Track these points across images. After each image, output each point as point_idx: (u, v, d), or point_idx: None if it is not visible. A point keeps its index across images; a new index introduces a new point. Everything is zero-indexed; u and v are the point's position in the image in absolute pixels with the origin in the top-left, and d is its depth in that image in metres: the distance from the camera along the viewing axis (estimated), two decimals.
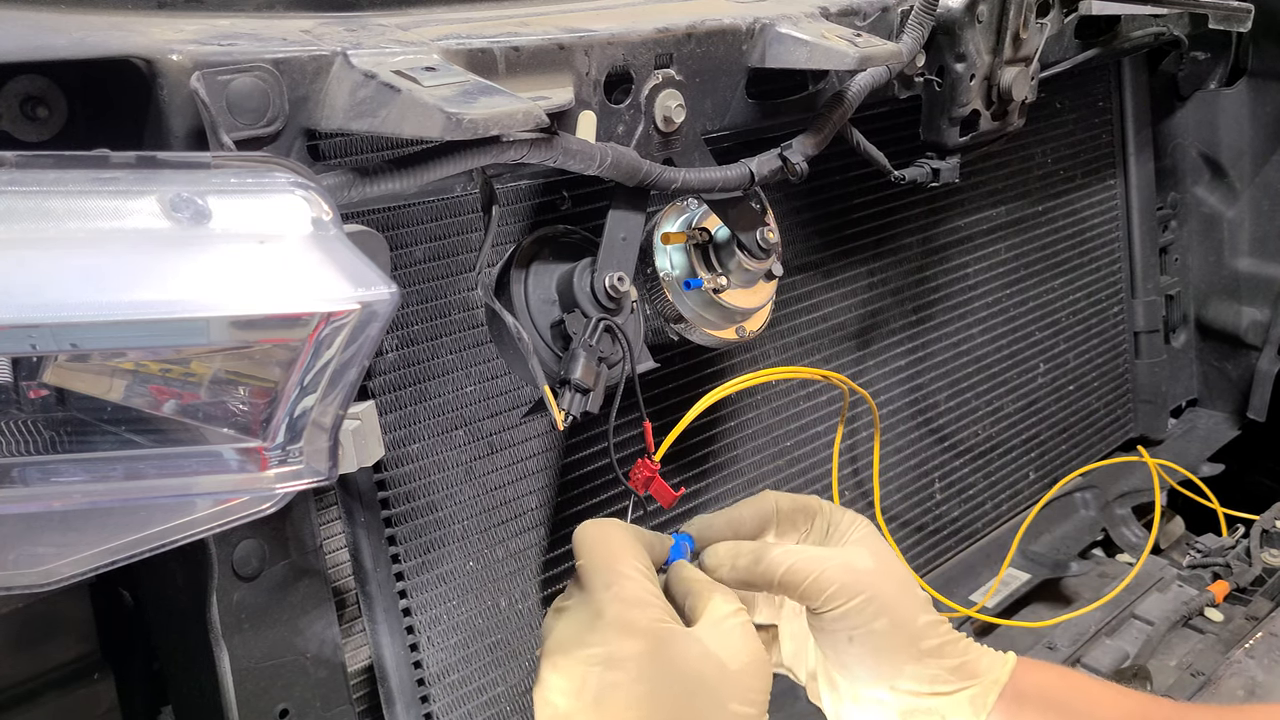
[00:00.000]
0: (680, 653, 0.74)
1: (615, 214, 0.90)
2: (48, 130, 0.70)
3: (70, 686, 0.94)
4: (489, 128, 0.69)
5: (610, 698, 0.72)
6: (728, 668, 0.75)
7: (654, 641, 0.74)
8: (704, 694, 0.73)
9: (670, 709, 0.72)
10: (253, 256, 0.60)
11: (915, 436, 1.53)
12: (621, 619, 0.75)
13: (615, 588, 0.77)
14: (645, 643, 0.74)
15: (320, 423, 0.68)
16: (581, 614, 0.77)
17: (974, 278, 1.58)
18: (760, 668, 0.76)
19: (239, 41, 0.71)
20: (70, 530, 0.66)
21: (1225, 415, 1.97)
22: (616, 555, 0.79)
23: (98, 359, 0.63)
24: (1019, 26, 1.20)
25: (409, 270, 0.98)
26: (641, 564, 0.79)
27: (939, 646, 0.81)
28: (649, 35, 0.91)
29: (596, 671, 0.73)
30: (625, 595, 0.76)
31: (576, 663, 0.74)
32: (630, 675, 0.73)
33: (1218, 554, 1.65)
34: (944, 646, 0.82)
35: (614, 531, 0.82)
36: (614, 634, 0.74)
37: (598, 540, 0.81)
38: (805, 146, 1.00)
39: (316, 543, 0.92)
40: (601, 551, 0.80)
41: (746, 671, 0.75)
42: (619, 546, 0.80)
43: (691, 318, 1.01)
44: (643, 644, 0.74)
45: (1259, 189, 1.88)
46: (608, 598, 0.76)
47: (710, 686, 0.74)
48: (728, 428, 1.29)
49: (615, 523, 0.83)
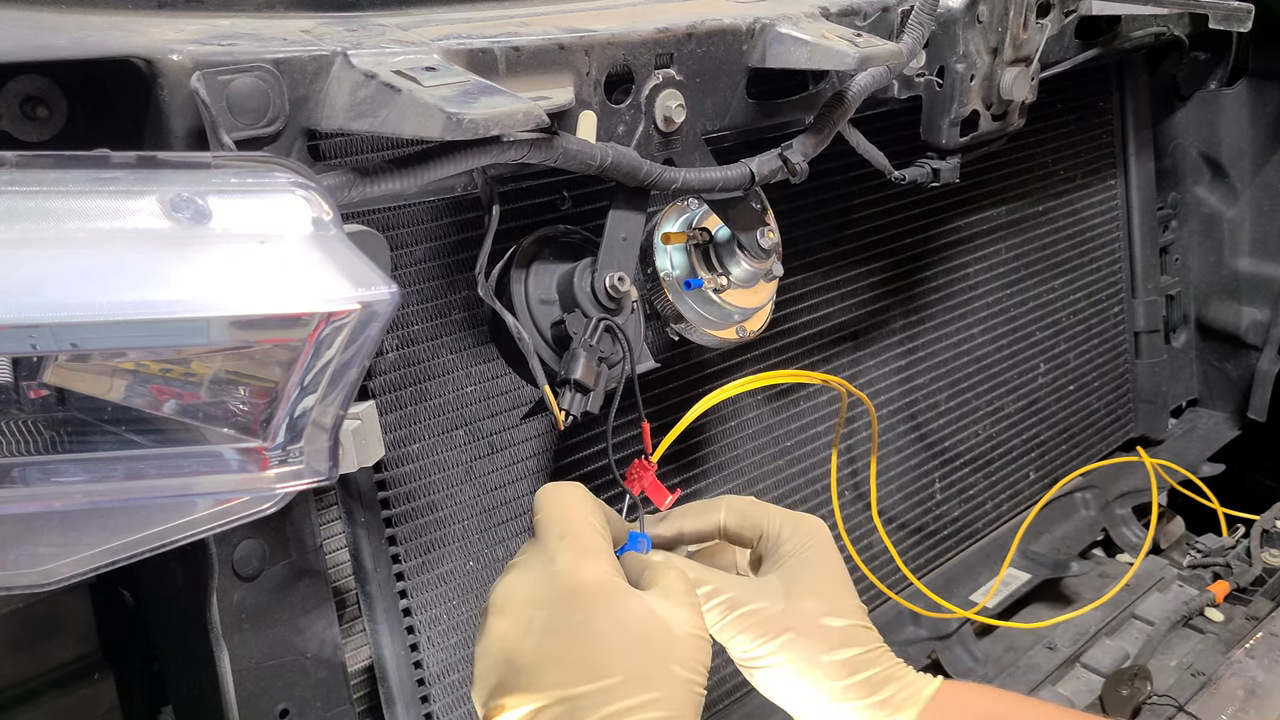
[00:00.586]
0: (627, 606, 0.74)
1: (615, 214, 0.90)
2: (48, 130, 0.70)
3: (70, 686, 0.94)
4: (489, 128, 0.69)
5: (552, 641, 0.72)
6: (672, 631, 0.74)
7: (603, 590, 0.74)
8: (647, 649, 0.73)
9: (613, 657, 0.71)
10: (253, 256, 0.60)
11: (915, 436, 1.53)
12: (572, 565, 0.75)
13: (569, 538, 0.77)
14: (594, 589, 0.74)
15: (320, 423, 0.68)
16: (533, 563, 0.77)
17: (974, 278, 1.58)
18: (702, 641, 0.76)
19: (239, 41, 0.71)
20: (70, 530, 0.66)
21: (1225, 415, 1.98)
22: (574, 510, 0.80)
23: (98, 359, 0.63)
24: (1019, 27, 1.20)
25: (409, 270, 0.98)
26: (598, 522, 0.80)
27: (848, 686, 0.83)
28: (649, 35, 0.91)
29: (542, 615, 0.73)
30: (579, 545, 0.77)
31: (522, 606, 0.74)
32: (576, 619, 0.72)
33: (1218, 554, 1.65)
34: (857, 685, 0.83)
35: (574, 492, 0.82)
36: (563, 579, 0.74)
37: (557, 498, 0.81)
38: (805, 146, 1.00)
39: (317, 543, 0.92)
40: (559, 507, 0.80)
41: (689, 640, 0.75)
42: (577, 504, 0.80)
43: (691, 318, 1.01)
44: (591, 590, 0.74)
45: (1259, 189, 1.88)
46: (560, 546, 0.76)
47: (653, 643, 0.73)
48: (727, 428, 1.29)
49: (577, 485, 0.83)
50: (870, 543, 1.46)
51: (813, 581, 0.86)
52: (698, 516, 0.92)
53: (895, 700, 0.83)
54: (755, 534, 0.90)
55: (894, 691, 0.83)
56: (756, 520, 0.90)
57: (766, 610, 0.84)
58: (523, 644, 0.73)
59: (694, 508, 0.92)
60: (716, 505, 0.92)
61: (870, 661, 0.84)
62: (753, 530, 0.90)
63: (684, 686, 0.73)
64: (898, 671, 0.85)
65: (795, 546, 0.88)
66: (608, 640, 0.72)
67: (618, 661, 0.71)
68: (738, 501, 0.92)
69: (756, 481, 1.33)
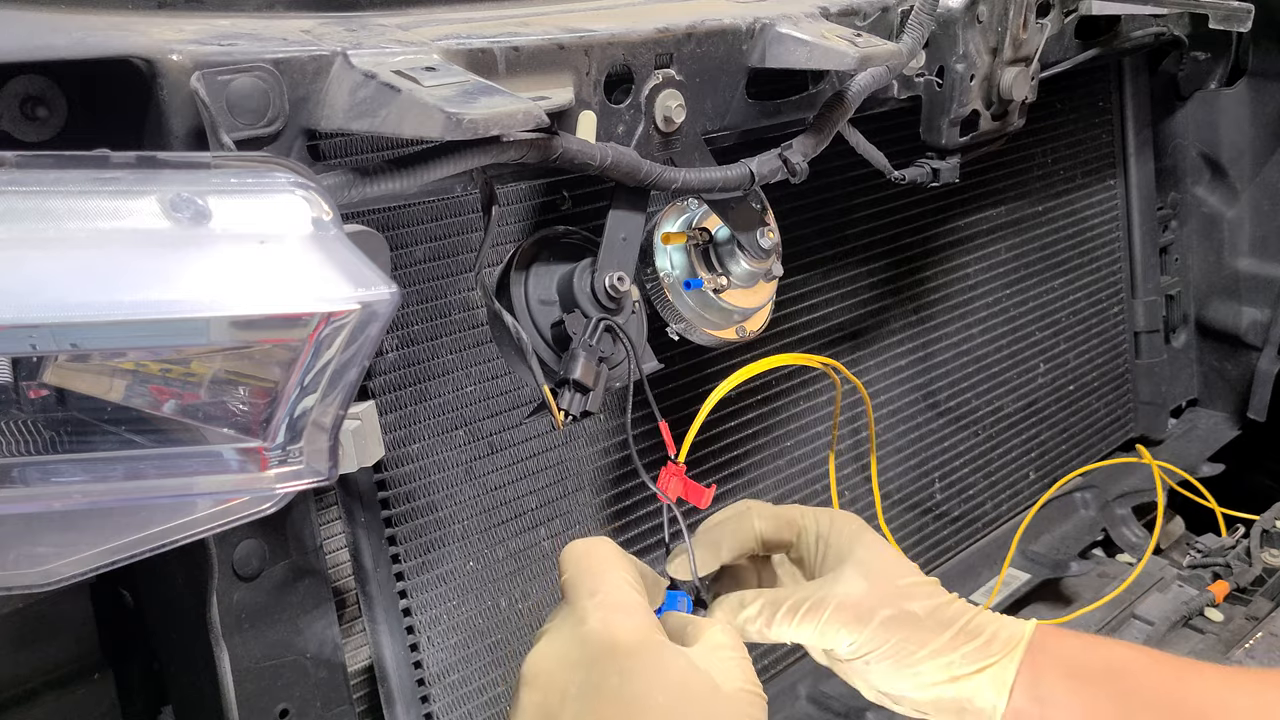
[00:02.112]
0: (669, 663, 0.69)
1: (615, 214, 0.90)
2: (48, 130, 0.70)
3: (70, 686, 0.94)
4: (489, 128, 0.69)
5: (590, 707, 0.67)
6: (720, 688, 0.69)
7: (641, 648, 0.69)
8: (693, 710, 0.67)
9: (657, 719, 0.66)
10: (253, 256, 0.60)
11: (915, 436, 1.53)
12: (606, 623, 0.70)
13: (600, 595, 0.72)
14: (631, 648, 0.69)
15: (320, 423, 0.68)
16: (563, 626, 0.72)
17: (974, 278, 1.58)
18: (754, 696, 0.71)
19: (239, 41, 0.71)
20: (70, 530, 0.66)
21: (1225, 415, 1.97)
22: (602, 566, 0.75)
23: (98, 359, 0.63)
24: (1019, 26, 1.20)
25: (409, 270, 0.98)
26: (629, 576, 0.75)
27: (951, 638, 0.81)
28: (649, 35, 0.91)
29: (578, 679, 0.68)
30: (610, 601, 0.72)
31: (555, 674, 0.69)
32: (613, 682, 0.67)
33: (1218, 554, 1.65)
34: (957, 635, 0.81)
35: (601, 547, 0.77)
36: (596, 639, 0.69)
37: (583, 554, 0.76)
38: (805, 146, 1.00)
39: (316, 543, 0.92)
40: (585, 564, 0.75)
41: (739, 697, 0.70)
42: (605, 559, 0.76)
43: (691, 318, 1.01)
44: (629, 649, 0.68)
45: (1259, 189, 1.88)
46: (591, 605, 0.72)
47: (699, 702, 0.68)
48: (727, 428, 1.29)
49: (604, 540, 0.79)
50: None
51: (878, 555, 0.85)
52: (731, 536, 0.88)
53: (999, 641, 0.81)
54: (793, 533, 0.88)
55: (993, 633, 0.82)
56: (790, 519, 0.88)
57: (853, 597, 0.81)
58: (560, 714, 0.67)
59: (726, 526, 0.88)
60: (745, 516, 0.88)
61: (961, 611, 0.83)
62: (789, 530, 0.88)
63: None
64: (989, 617, 0.83)
65: (845, 533, 0.86)
66: (649, 701, 0.66)
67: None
68: (762, 506, 0.90)
69: (756, 482, 1.33)
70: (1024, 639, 0.81)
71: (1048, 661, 0.81)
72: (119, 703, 0.97)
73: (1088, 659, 0.81)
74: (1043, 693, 0.80)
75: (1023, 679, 0.80)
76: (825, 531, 0.87)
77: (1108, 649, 0.83)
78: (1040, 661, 0.80)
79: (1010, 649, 0.81)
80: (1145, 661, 0.82)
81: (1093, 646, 0.83)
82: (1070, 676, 0.80)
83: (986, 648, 0.81)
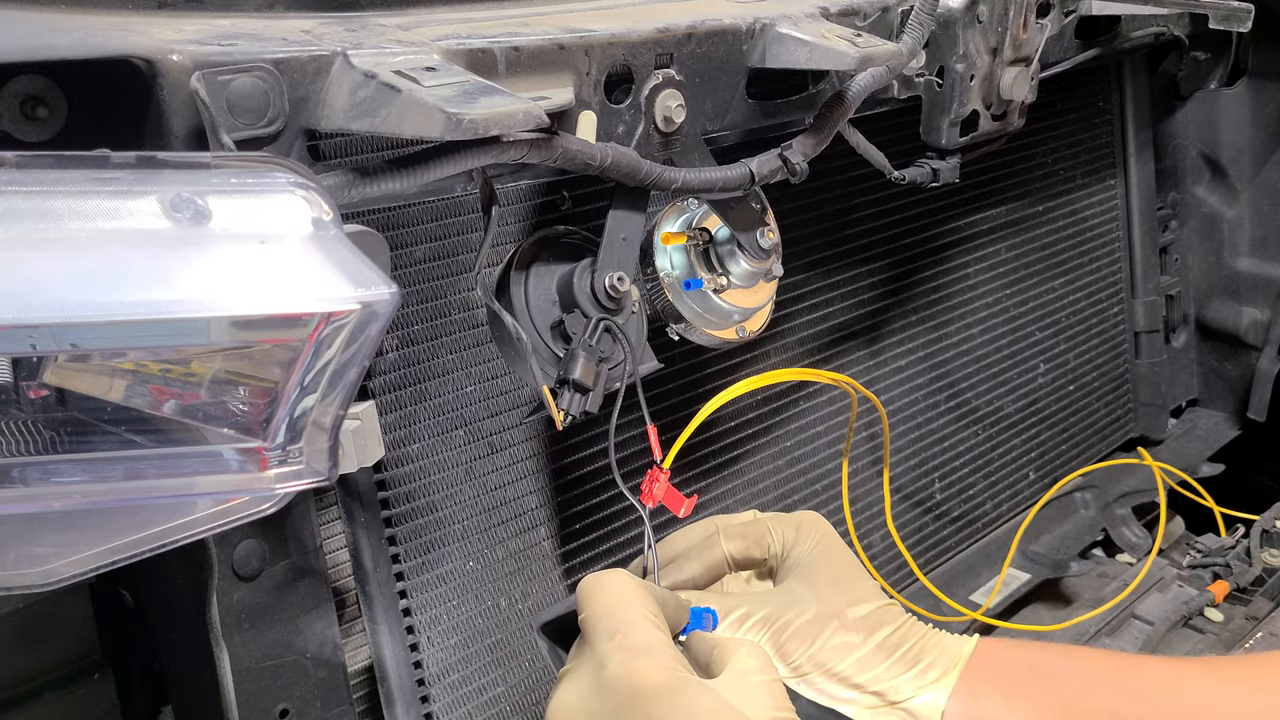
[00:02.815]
0: (696, 703, 0.66)
1: (615, 214, 0.90)
2: (48, 130, 0.70)
3: (70, 686, 0.94)
4: (489, 128, 0.69)
5: None
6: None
7: (666, 691, 0.66)
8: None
9: None
10: (253, 256, 0.60)
11: (915, 436, 1.53)
12: (627, 668, 0.68)
13: (620, 636, 0.70)
14: (656, 692, 0.66)
15: (320, 423, 0.68)
16: (584, 671, 0.71)
17: (974, 278, 1.58)
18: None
19: (239, 41, 0.71)
20: (70, 530, 0.66)
21: (1225, 415, 1.97)
22: (621, 603, 0.73)
23: (98, 359, 0.63)
24: (1019, 27, 1.20)
25: (409, 270, 0.98)
26: (649, 610, 0.73)
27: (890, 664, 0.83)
28: (649, 35, 0.91)
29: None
30: (630, 643, 0.70)
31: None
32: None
33: (1218, 554, 1.65)
34: (897, 662, 0.83)
35: (619, 581, 0.75)
36: (619, 685, 0.67)
37: (600, 590, 0.74)
38: (805, 146, 1.00)
39: (316, 543, 0.92)
40: (604, 601, 0.73)
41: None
42: (623, 594, 0.74)
43: (691, 318, 1.01)
44: (654, 693, 0.66)
45: (1259, 189, 1.88)
46: (611, 647, 0.70)
47: None
48: (726, 429, 1.29)
49: (621, 573, 0.77)
50: (871, 541, 1.46)
51: (830, 578, 0.86)
52: (700, 563, 0.88)
53: (935, 666, 0.83)
54: (762, 551, 0.89)
55: (933, 658, 0.83)
56: (758, 537, 0.89)
57: (799, 620, 0.83)
58: None
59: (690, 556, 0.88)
60: (712, 542, 0.88)
61: (903, 637, 0.84)
62: (759, 548, 0.89)
63: None
64: (932, 639, 0.85)
65: (806, 548, 0.88)
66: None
67: None
68: (729, 526, 0.89)
69: (756, 482, 1.33)
70: (960, 662, 0.83)
71: (986, 680, 0.82)
72: (119, 703, 0.97)
73: (1025, 671, 0.83)
74: (980, 711, 0.81)
75: (959, 701, 0.82)
76: (790, 542, 0.88)
77: (1049, 656, 0.85)
78: (977, 681, 0.82)
79: (946, 673, 0.83)
80: (1082, 668, 0.83)
81: (1033, 655, 0.85)
82: (1008, 694, 0.82)
83: (923, 675, 0.83)
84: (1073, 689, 0.82)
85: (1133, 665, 0.87)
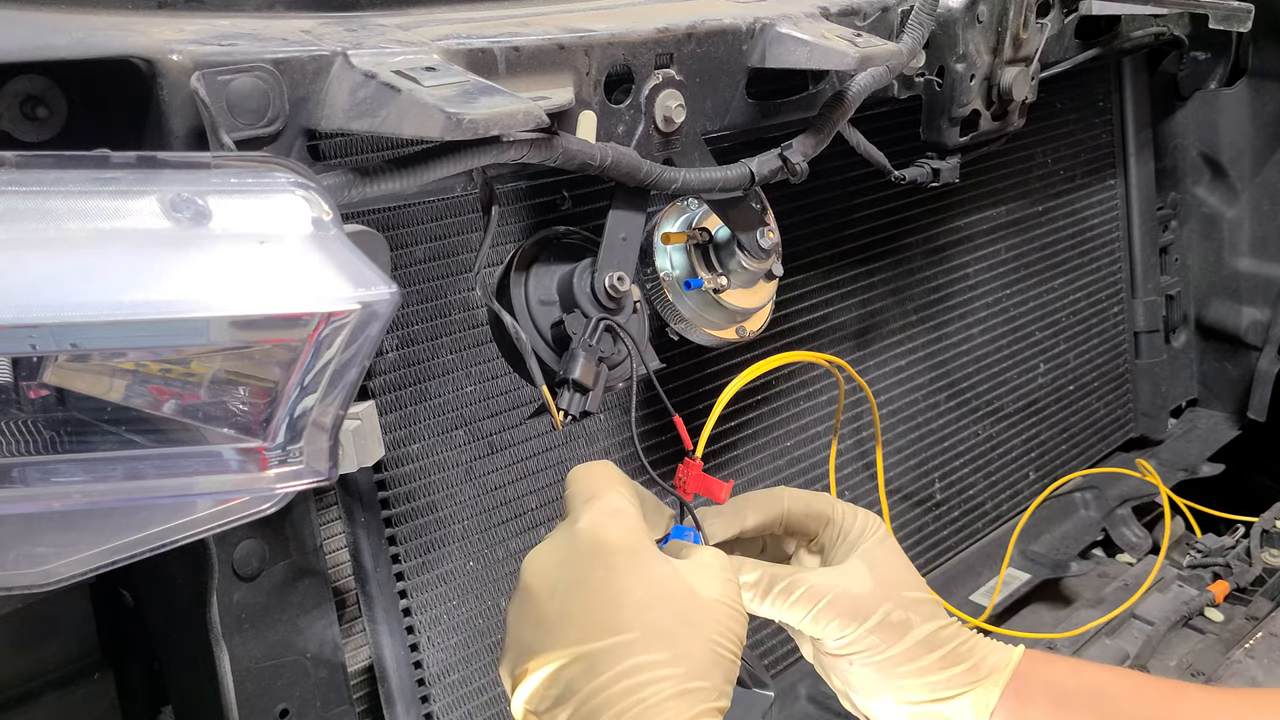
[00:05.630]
0: (650, 564, 0.72)
1: (615, 214, 0.90)
2: (48, 130, 0.70)
3: (70, 686, 0.94)
4: (489, 128, 0.69)
5: (573, 599, 0.71)
6: (698, 594, 0.72)
7: (626, 548, 0.72)
8: (668, 608, 0.71)
9: (633, 612, 0.70)
10: (253, 256, 0.60)
11: (915, 436, 1.53)
12: (595, 523, 0.74)
13: (593, 501, 0.76)
14: (617, 547, 0.72)
15: (320, 423, 0.68)
16: (560, 530, 0.76)
17: (974, 278, 1.58)
18: (733, 610, 0.74)
19: (239, 41, 0.71)
20: (70, 530, 0.66)
21: (1225, 415, 1.97)
22: (601, 480, 0.78)
23: (98, 359, 0.63)
24: (1019, 26, 1.20)
25: (409, 270, 0.98)
26: (627, 490, 0.78)
27: (940, 658, 0.82)
28: (649, 35, 0.91)
29: (565, 575, 0.72)
30: (602, 505, 0.75)
31: (548, 570, 0.73)
32: (597, 576, 0.71)
33: (1218, 554, 1.65)
34: (946, 656, 0.82)
35: (604, 467, 0.81)
36: (586, 537, 0.73)
37: (585, 472, 0.80)
38: (805, 146, 1.00)
39: (316, 543, 0.92)
40: (587, 479, 0.79)
41: (716, 606, 0.73)
42: (605, 474, 0.79)
43: (691, 318, 1.01)
44: (614, 548, 0.72)
45: (1259, 189, 1.88)
46: (584, 509, 0.75)
47: (675, 602, 0.71)
48: (726, 428, 1.29)
49: (606, 462, 0.82)
50: None
51: (891, 561, 0.86)
52: (760, 508, 0.89)
53: (986, 665, 0.83)
54: (821, 522, 0.89)
55: (981, 657, 0.83)
56: (820, 509, 0.89)
57: (854, 592, 0.82)
58: (547, 606, 0.72)
59: (754, 498, 0.90)
60: (777, 494, 0.90)
61: (954, 634, 0.84)
62: (818, 519, 0.89)
63: (707, 647, 0.71)
64: (980, 642, 0.85)
65: (865, 532, 0.87)
66: (628, 596, 0.70)
67: (637, 617, 0.70)
68: (798, 491, 0.91)
69: (755, 482, 1.33)
70: (1010, 665, 0.83)
71: (1034, 687, 0.82)
72: (119, 703, 0.97)
73: (1073, 685, 0.83)
74: (1028, 716, 0.81)
75: (1007, 704, 0.81)
76: (849, 527, 0.88)
77: (1093, 674, 0.85)
78: (1026, 687, 0.82)
79: (996, 673, 0.83)
80: (1129, 686, 0.84)
81: (1078, 672, 0.85)
82: (1055, 704, 0.82)
83: (973, 672, 0.83)
84: (1118, 704, 0.82)
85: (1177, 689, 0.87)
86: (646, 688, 0.67)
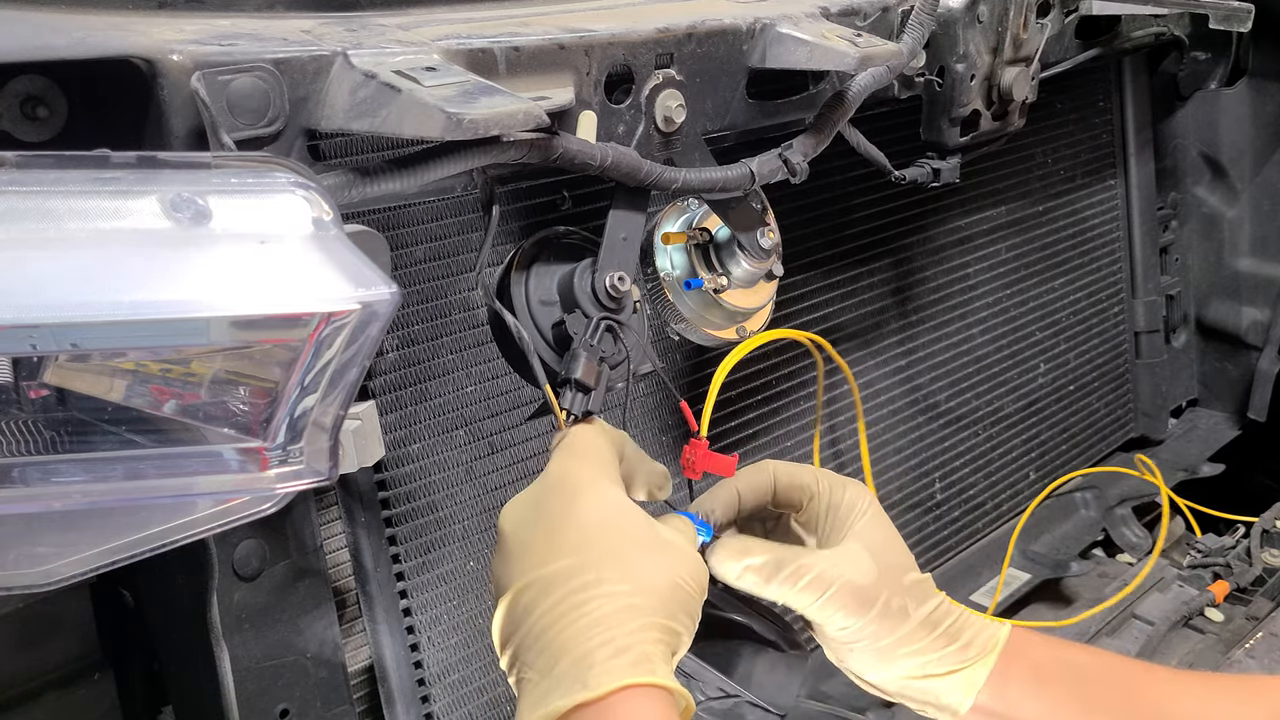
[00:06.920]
0: (608, 496, 0.75)
1: (616, 214, 0.90)
2: (48, 130, 0.70)
3: (70, 686, 0.94)
4: (489, 128, 0.69)
5: (534, 528, 0.73)
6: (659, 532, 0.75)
7: (586, 482, 0.75)
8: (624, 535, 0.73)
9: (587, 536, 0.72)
10: (253, 256, 0.60)
11: (915, 436, 1.53)
12: (563, 464, 0.77)
13: (565, 447, 0.79)
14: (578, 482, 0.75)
15: (321, 423, 0.68)
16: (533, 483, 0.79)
17: (974, 278, 1.58)
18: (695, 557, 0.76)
19: (239, 41, 0.71)
20: (70, 530, 0.66)
21: (1225, 415, 1.97)
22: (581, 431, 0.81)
23: (98, 359, 0.63)
24: (1019, 27, 1.20)
25: (409, 270, 0.98)
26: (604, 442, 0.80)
27: (934, 639, 0.84)
28: (650, 35, 0.91)
29: (531, 508, 0.75)
30: (571, 449, 0.78)
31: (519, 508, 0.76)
32: (557, 505, 0.74)
33: (1218, 554, 1.65)
34: (939, 636, 0.84)
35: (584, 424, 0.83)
36: (553, 473, 0.77)
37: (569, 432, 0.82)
38: (805, 146, 1.00)
39: (317, 543, 0.92)
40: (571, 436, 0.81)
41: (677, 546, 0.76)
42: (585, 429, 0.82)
43: (692, 318, 1.01)
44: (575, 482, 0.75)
45: (1259, 189, 1.88)
46: (557, 452, 0.79)
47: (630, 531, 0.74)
48: (726, 429, 1.29)
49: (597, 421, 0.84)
50: None
51: (888, 542, 0.87)
52: (749, 484, 0.90)
53: (975, 645, 0.85)
54: (805, 495, 0.89)
55: (971, 636, 0.85)
56: (802, 480, 0.90)
57: (858, 582, 0.83)
58: (513, 542, 0.75)
59: (743, 474, 0.91)
60: (765, 468, 0.91)
61: (945, 613, 0.85)
62: (800, 491, 0.90)
63: (663, 574, 0.73)
64: (968, 618, 0.86)
65: (855, 507, 0.88)
66: (584, 520, 0.73)
67: (590, 540, 0.72)
68: (783, 464, 0.92)
69: None
70: (999, 645, 0.85)
71: (1017, 665, 0.85)
72: (119, 703, 0.97)
73: (1054, 663, 0.86)
74: (1009, 694, 0.84)
75: (991, 681, 0.84)
76: (837, 502, 0.89)
77: (1073, 653, 0.88)
78: (1010, 665, 0.84)
79: (985, 654, 0.84)
80: (1104, 665, 0.87)
81: (1060, 651, 0.88)
82: (1037, 681, 0.85)
83: (963, 651, 0.84)
84: (1095, 683, 0.85)
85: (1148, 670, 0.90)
86: (593, 602, 0.70)
